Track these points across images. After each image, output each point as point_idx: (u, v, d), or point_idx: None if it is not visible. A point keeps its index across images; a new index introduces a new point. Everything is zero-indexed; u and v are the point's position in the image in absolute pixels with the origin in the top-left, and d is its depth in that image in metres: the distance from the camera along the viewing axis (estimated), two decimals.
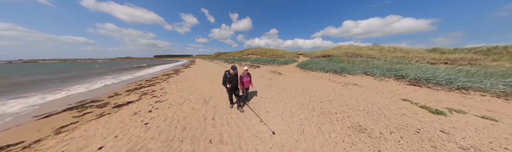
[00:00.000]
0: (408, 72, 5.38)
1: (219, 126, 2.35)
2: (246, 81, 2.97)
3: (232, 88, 2.75)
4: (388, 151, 1.76)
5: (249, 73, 3.03)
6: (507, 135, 2.08)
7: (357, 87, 4.81)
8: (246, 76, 2.95)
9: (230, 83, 2.68)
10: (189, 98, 4.03)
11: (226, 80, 2.68)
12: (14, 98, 5.02)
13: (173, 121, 2.53)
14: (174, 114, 2.89)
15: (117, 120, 2.72)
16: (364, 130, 2.18)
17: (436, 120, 2.52)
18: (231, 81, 2.69)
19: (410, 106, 3.13)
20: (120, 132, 2.25)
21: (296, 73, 7.91)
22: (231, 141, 1.91)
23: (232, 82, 2.70)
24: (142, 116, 2.85)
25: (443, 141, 1.95)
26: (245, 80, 2.94)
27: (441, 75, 4.69)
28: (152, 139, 1.98)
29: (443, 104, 3.26)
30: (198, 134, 2.11)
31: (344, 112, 2.84)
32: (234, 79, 2.72)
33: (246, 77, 2.94)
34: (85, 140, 2.08)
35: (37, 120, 3.14)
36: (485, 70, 4.74)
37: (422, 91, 4.16)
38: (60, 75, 12.14)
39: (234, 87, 2.77)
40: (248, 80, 3.00)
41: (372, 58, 8.39)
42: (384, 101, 3.47)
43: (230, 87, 2.69)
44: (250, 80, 3.06)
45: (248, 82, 3.04)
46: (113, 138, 2.09)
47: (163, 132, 2.15)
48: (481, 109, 2.98)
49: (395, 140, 1.96)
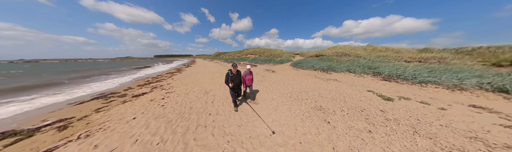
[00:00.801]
0: (383, 69, 6.14)
1: (216, 106, 3.17)
2: (249, 79, 3.04)
3: (234, 86, 2.78)
4: (332, 121, 2.55)
5: (252, 72, 3.11)
6: (426, 112, 2.84)
7: (336, 82, 5.59)
8: (249, 74, 3.04)
9: (233, 82, 2.71)
10: (193, 90, 4.86)
11: (228, 79, 2.72)
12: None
13: (183, 104, 3.36)
14: (183, 100, 3.71)
15: (139, 104, 3.55)
16: (322, 109, 2.97)
17: (382, 104, 3.30)
18: (234, 80, 2.72)
19: (370, 95, 3.91)
20: (144, 110, 3.07)
21: (288, 71, 8.69)
22: (223, 114, 2.73)
23: (235, 81, 2.73)
24: (157, 102, 3.67)
25: (376, 116, 2.73)
26: (248, 78, 3.02)
27: (408, 72, 5.44)
28: (169, 113, 2.81)
29: (399, 94, 4.03)
30: (201, 110, 2.93)
31: (314, 99, 3.63)
32: (236, 77, 2.77)
33: (248, 75, 3.03)
34: (121, 115, 2.91)
35: (73, 106, 3.98)
36: (446, 67, 5.47)
37: (389, 85, 4.92)
38: (87, 73, 13.05)
39: (236, 85, 2.81)
40: (250, 78, 3.08)
41: (358, 57, 9.12)
42: (352, 92, 4.25)
43: (232, 85, 2.71)
44: (252, 78, 3.15)
45: (251, 80, 3.12)
46: (140, 113, 2.92)
47: (176, 109, 2.98)
48: (425, 97, 3.74)
49: (341, 115, 2.75)
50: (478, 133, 2.12)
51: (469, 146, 1.81)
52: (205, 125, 2.39)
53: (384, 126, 2.31)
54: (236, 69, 2.75)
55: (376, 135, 2.08)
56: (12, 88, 6.75)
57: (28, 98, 5.01)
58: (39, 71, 17.09)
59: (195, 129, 2.26)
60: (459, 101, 3.40)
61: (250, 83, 3.14)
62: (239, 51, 30.64)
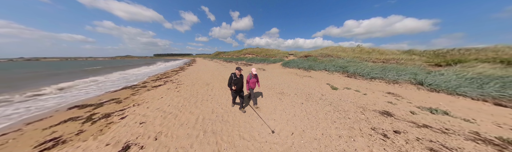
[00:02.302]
0: (350, 68, 7.58)
1: (214, 91, 4.73)
2: (253, 82, 3.08)
3: (237, 90, 2.81)
4: (283, 98, 4.03)
5: (256, 75, 3.11)
6: (351, 96, 4.31)
7: (309, 78, 7.07)
8: (253, 77, 3.07)
9: (235, 85, 2.73)
10: (197, 82, 6.40)
11: (231, 82, 2.73)
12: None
13: (191, 90, 4.95)
14: (191, 88, 5.29)
15: (160, 91, 5.11)
16: (282, 93, 4.48)
17: (328, 91, 4.77)
18: (237, 83, 2.75)
19: (324, 86, 5.39)
20: (166, 94, 4.64)
21: (276, 70, 10.18)
22: (218, 95, 4.31)
23: (237, 84, 2.77)
24: (173, 90, 5.22)
25: (315, 97, 4.21)
26: (252, 81, 3.05)
27: (366, 70, 6.89)
28: (183, 94, 4.41)
29: (347, 86, 5.50)
30: (205, 94, 4.51)
31: (282, 88, 5.14)
32: (239, 81, 2.80)
33: (252, 78, 3.07)
34: (151, 96, 4.47)
35: (111, 93, 5.53)
36: (396, 67, 6.90)
37: (348, 80, 6.39)
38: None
39: (239, 89, 2.85)
40: (254, 81, 3.11)
41: (338, 58, 10.54)
42: (314, 84, 5.73)
43: (235, 89, 2.74)
44: (257, 81, 3.21)
45: (255, 83, 3.15)
46: (164, 95, 4.48)
47: (187, 93, 4.57)
48: (363, 88, 5.21)
49: (292, 96, 4.24)
50: (368, 105, 3.60)
51: (352, 109, 3.29)
52: (207, 99, 3.97)
53: (313, 101, 3.80)
54: (240, 72, 2.78)
55: (305, 105, 3.57)
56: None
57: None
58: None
59: (201, 101, 3.83)
60: (383, 90, 4.87)
61: (254, 86, 3.16)
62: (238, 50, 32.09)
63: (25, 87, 6.41)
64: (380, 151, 1.91)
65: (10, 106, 4.00)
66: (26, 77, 10.87)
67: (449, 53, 8.52)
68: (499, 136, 2.29)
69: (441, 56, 9.04)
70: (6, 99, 4.61)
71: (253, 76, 3.07)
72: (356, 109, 3.29)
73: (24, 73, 13.99)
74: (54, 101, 4.51)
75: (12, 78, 10.42)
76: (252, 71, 3.04)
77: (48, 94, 5.32)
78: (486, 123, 2.71)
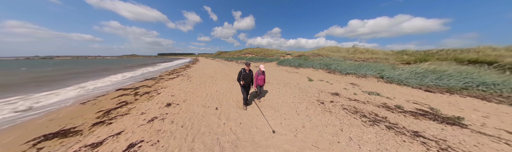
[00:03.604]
0: (332, 66, 8.89)
1: (217, 81, 6.26)
2: (261, 78, 3.08)
3: (245, 85, 2.92)
4: (267, 86, 5.46)
5: (264, 72, 3.12)
6: (320, 85, 5.68)
7: (296, 73, 8.46)
8: (261, 74, 3.07)
9: (244, 80, 2.83)
10: (204, 76, 7.97)
11: (240, 76, 2.83)
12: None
13: (200, 81, 6.51)
14: (199, 80, 6.85)
15: (176, 81, 6.69)
16: (268, 82, 5.94)
17: (304, 82, 6.16)
18: (245, 78, 2.84)
19: (304, 79, 6.77)
20: (181, 83, 6.20)
21: (271, 67, 11.61)
22: (220, 83, 5.84)
23: (246, 79, 2.86)
24: (185, 80, 6.79)
25: (291, 85, 5.61)
26: (260, 77, 3.06)
27: (343, 67, 8.19)
28: (195, 82, 5.96)
29: (323, 79, 6.85)
30: (210, 82, 6.07)
31: (269, 80, 6.59)
32: (248, 76, 2.87)
33: (261, 75, 3.07)
34: (171, 84, 6.05)
35: (138, 82, 7.16)
36: (370, 64, 8.15)
37: (327, 75, 7.73)
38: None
39: (247, 84, 2.94)
40: (262, 78, 3.11)
41: (326, 57, 11.82)
42: (296, 78, 7.12)
43: (243, 83, 2.84)
44: (264, 78, 3.22)
45: (262, 80, 3.15)
46: (181, 83, 6.05)
47: (197, 82, 6.12)
48: (334, 80, 6.55)
49: (274, 84, 5.67)
50: (327, 90, 4.97)
51: (313, 91, 4.68)
52: (211, 85, 5.53)
53: (288, 87, 5.22)
54: (249, 68, 2.85)
55: (281, 89, 4.99)
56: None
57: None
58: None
59: (208, 86, 5.41)
60: (349, 82, 6.20)
61: (262, 83, 3.19)
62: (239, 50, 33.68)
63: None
64: (312, 108, 3.32)
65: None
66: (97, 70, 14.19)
67: (438, 53, 8.92)
68: (398, 105, 3.64)
69: (430, 56, 9.95)
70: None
71: (261, 72, 3.11)
72: (315, 91, 4.70)
73: (86, 68, 16.71)
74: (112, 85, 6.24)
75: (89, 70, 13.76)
76: (261, 67, 3.07)
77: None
78: (400, 100, 4.04)
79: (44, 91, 5.59)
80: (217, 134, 2.26)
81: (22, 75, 11.05)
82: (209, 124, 2.56)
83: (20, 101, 4.37)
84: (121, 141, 2.13)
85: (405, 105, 3.52)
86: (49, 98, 4.66)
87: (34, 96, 4.85)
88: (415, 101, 3.83)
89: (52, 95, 5.08)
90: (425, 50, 9.95)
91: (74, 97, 4.84)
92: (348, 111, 3.12)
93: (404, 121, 2.67)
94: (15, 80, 8.65)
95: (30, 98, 4.63)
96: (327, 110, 3.18)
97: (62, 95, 5.01)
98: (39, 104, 4.10)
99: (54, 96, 4.90)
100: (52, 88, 6.10)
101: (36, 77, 9.65)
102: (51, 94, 5.15)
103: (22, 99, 4.51)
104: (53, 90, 5.67)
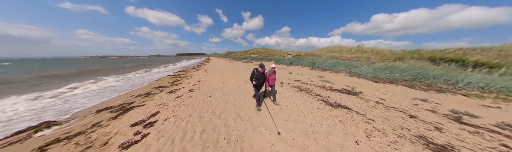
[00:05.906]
0: (317, 64, 10.45)
1: (224, 73, 8.57)
2: (272, 78, 3.12)
3: (257, 84, 3.02)
4: None
5: (275, 71, 3.13)
6: (298, 77, 7.48)
7: (284, 69, 10.28)
8: (272, 74, 3.09)
9: (257, 80, 2.94)
10: (215, 70, 10.45)
11: (253, 76, 2.93)
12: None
13: (214, 73, 8.94)
14: (213, 72, 9.30)
15: (198, 73, 9.23)
16: None
17: (284, 75, 8.00)
18: (258, 78, 2.94)
19: (285, 73, 8.60)
20: (202, 73, 8.71)
21: (267, 65, 13.57)
22: (227, 73, 8.12)
23: (259, 79, 2.96)
24: (204, 72, 9.31)
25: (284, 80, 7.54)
26: (272, 77, 3.11)
27: (324, 65, 9.72)
28: (211, 73, 8.40)
29: (302, 73, 8.57)
30: (220, 73, 8.44)
31: None
32: (261, 77, 2.96)
33: (272, 75, 3.10)
34: (195, 73, 8.58)
35: (175, 73, 9.93)
36: (347, 62, 9.51)
37: (308, 71, 9.40)
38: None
39: (260, 84, 3.05)
40: (274, 78, 3.15)
41: (319, 57, 13.25)
42: (281, 72, 8.98)
43: (255, 83, 2.96)
44: (275, 78, 3.21)
45: (274, 80, 3.19)
46: (202, 73, 8.52)
47: (212, 73, 8.56)
48: (312, 75, 8.23)
49: None
50: (295, 78, 6.78)
51: (284, 79, 6.56)
52: (221, 74, 7.88)
53: None
54: (263, 70, 2.88)
55: None
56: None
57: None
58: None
59: (219, 74, 7.75)
60: (319, 75, 7.85)
61: (273, 83, 3.21)
62: (245, 51, 36.21)
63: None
64: (275, 86, 5.28)
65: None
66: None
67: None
68: (331, 86, 5.33)
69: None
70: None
71: (272, 72, 3.09)
72: (285, 79, 6.59)
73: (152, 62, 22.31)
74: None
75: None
76: (272, 67, 3.02)
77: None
78: (340, 85, 5.64)
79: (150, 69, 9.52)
80: (222, 90, 4.52)
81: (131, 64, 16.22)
82: (218, 87, 5.01)
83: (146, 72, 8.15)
84: (184, 90, 4.80)
85: (338, 87, 5.21)
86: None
87: (153, 71, 8.90)
88: (350, 86, 5.46)
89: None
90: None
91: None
92: (293, 87, 5.03)
93: (324, 93, 4.46)
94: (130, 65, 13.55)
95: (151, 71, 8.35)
96: (281, 86, 5.14)
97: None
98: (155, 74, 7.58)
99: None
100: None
101: (138, 66, 15.74)
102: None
103: (147, 71, 8.55)
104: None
